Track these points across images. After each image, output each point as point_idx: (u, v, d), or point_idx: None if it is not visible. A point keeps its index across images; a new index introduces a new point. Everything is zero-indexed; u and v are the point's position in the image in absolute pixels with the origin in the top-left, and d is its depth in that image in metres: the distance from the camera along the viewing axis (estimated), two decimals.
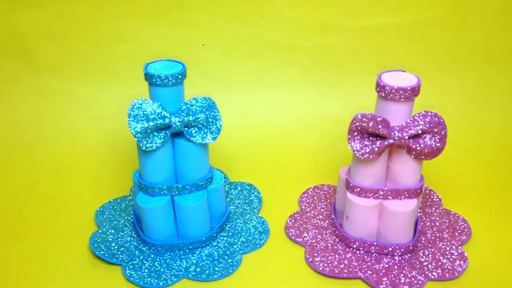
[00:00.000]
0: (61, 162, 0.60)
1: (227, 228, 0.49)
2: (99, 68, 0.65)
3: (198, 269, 0.44)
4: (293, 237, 0.48)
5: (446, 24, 0.64)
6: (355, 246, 0.46)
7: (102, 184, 0.57)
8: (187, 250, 0.46)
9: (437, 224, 0.50)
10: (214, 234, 0.47)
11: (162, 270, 0.44)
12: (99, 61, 0.65)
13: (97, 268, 0.45)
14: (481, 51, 0.65)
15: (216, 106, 0.45)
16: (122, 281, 0.43)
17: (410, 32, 0.64)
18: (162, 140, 0.43)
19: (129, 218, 0.50)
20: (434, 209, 0.52)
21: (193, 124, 0.44)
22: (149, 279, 0.43)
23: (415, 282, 0.43)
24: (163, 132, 0.43)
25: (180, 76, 0.43)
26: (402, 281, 0.43)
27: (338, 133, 0.49)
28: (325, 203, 0.53)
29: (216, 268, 0.44)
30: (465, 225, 0.49)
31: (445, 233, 0.48)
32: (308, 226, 0.49)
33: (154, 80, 0.42)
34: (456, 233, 0.48)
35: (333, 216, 0.49)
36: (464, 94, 0.66)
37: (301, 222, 0.50)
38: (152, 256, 0.45)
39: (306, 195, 0.54)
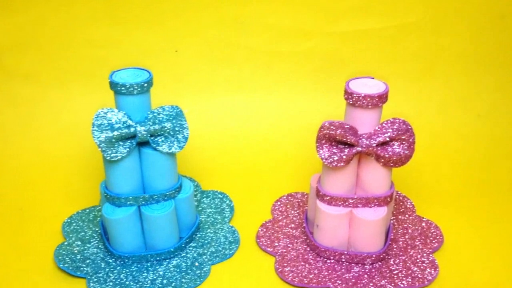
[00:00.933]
0: (31, 170, 0.59)
1: (197, 238, 0.48)
2: (71, 75, 0.64)
3: (164, 281, 0.43)
4: (263, 247, 0.47)
5: (425, 30, 0.64)
6: (325, 255, 0.46)
7: (72, 193, 0.55)
8: (154, 262, 0.45)
9: (409, 231, 0.49)
10: (183, 245, 0.47)
11: (127, 283, 0.43)
12: (71, 68, 0.64)
13: (61, 281, 0.44)
14: (459, 56, 0.65)
15: (184, 114, 0.44)
16: None
17: (389, 38, 0.64)
18: (128, 149, 0.42)
19: (97, 229, 0.49)
20: (407, 216, 0.51)
21: (159, 133, 0.43)
22: None
23: None
24: (129, 141, 0.42)
25: (145, 85, 0.42)
26: None
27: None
28: (297, 211, 0.52)
29: (184, 280, 0.43)
30: (437, 232, 0.49)
31: (417, 240, 0.48)
32: (280, 235, 0.49)
33: (119, 88, 0.42)
34: (428, 240, 0.48)
35: (304, 225, 0.48)
36: (442, 99, 0.66)
37: (273, 231, 0.49)
38: (118, 268, 0.44)
39: (279, 203, 0.54)
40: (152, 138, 0.43)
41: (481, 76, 0.65)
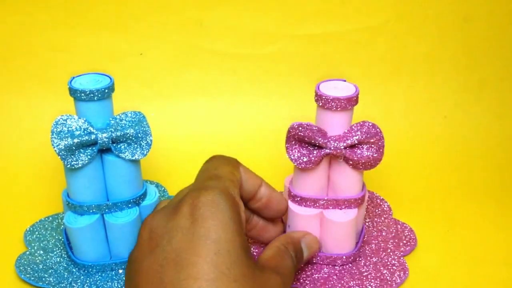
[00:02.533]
0: None
1: None
2: (32, 80, 0.62)
3: None
4: None
5: (391, 32, 0.64)
6: None
7: (35, 201, 0.54)
8: (119, 270, 0.45)
9: (383, 234, 0.49)
10: None
11: None
12: (32, 72, 0.62)
13: None
14: (424, 59, 0.66)
15: (146, 120, 0.44)
16: None
17: (354, 40, 0.64)
18: (89, 157, 0.41)
19: (60, 238, 0.48)
20: (383, 218, 0.52)
21: (122, 139, 0.42)
22: None
23: None
24: (90, 148, 0.41)
25: (106, 91, 0.41)
26: None
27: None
28: None
29: None
30: (411, 235, 0.49)
31: (389, 243, 0.48)
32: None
33: (78, 95, 0.41)
34: (401, 243, 0.48)
35: None
36: (408, 101, 0.66)
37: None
38: (82, 277, 0.44)
39: None
40: (114, 145, 0.42)
41: (446, 78, 0.66)
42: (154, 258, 0.32)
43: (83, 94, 0.41)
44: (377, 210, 0.53)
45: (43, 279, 0.43)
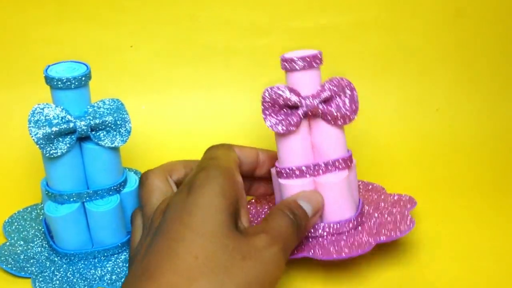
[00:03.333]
0: None
1: None
2: (23, 72, 0.61)
3: (113, 277, 0.43)
4: None
5: (383, 26, 0.64)
6: None
7: (12, 192, 0.54)
8: (102, 258, 0.45)
9: (382, 204, 0.49)
10: None
11: (75, 280, 0.42)
12: (22, 65, 0.61)
13: (5, 282, 0.43)
14: (415, 53, 0.66)
15: (125, 107, 0.44)
16: None
17: (347, 34, 0.64)
18: (68, 145, 0.41)
19: (40, 228, 0.48)
20: (379, 194, 0.52)
21: (100, 127, 0.42)
22: None
23: (363, 245, 0.42)
24: (69, 137, 0.41)
25: (83, 78, 0.41)
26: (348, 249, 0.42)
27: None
28: (266, 206, 0.51)
29: None
30: (410, 198, 0.49)
31: (390, 206, 0.48)
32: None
33: (55, 83, 0.40)
34: (401, 203, 0.48)
35: None
36: (400, 95, 0.66)
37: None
38: (64, 266, 0.44)
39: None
40: (93, 132, 0.42)
41: (438, 72, 0.66)
42: (154, 235, 0.36)
43: (59, 82, 0.40)
44: (371, 192, 0.53)
45: (25, 269, 0.43)
